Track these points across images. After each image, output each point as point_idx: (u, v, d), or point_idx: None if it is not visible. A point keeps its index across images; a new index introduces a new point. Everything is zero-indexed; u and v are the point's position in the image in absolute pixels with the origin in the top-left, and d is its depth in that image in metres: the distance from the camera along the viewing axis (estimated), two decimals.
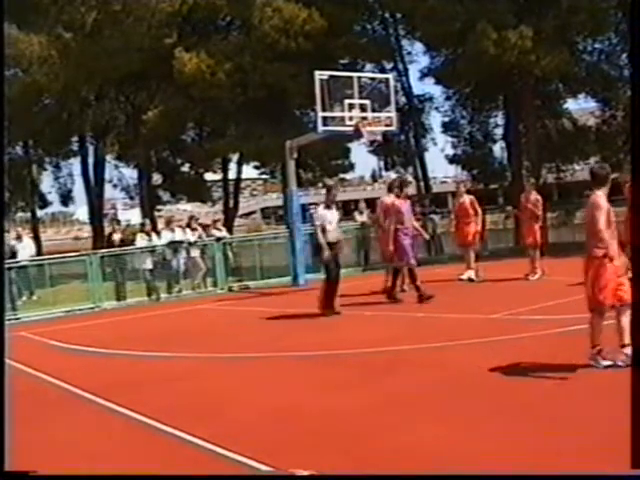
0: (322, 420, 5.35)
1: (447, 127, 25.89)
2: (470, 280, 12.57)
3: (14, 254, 14.28)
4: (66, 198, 33.00)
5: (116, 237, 15.65)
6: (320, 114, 13.10)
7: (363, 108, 13.34)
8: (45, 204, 33.18)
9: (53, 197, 32.99)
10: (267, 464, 4.44)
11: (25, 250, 15.58)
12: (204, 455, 4.79)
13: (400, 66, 25.07)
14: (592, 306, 6.27)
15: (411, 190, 14.17)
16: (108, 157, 30.99)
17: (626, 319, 6.00)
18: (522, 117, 22.69)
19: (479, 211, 13.15)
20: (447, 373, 6.39)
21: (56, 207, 39.05)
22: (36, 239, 32.86)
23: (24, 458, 4.59)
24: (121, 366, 8.12)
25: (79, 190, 32.17)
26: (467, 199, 13.14)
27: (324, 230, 10.14)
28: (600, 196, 6.26)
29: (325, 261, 10.31)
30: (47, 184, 33.37)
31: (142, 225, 16.43)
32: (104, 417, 6.05)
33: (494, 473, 4.00)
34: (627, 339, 5.99)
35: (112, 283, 14.98)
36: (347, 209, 33.07)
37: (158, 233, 16.23)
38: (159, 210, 30.86)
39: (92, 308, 14.08)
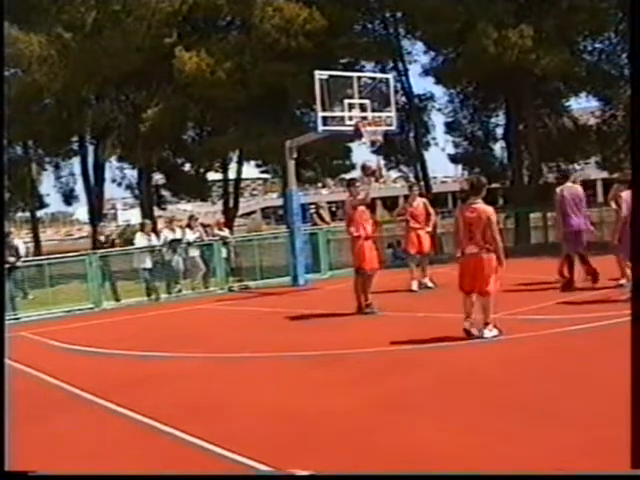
0: (322, 420, 5.34)
1: (448, 126, 25.90)
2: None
3: (17, 254, 14.22)
4: (68, 197, 32.98)
5: (102, 237, 15.74)
6: (320, 114, 13.09)
7: (363, 108, 13.32)
8: (42, 205, 33.13)
9: (54, 197, 33.07)
10: (267, 464, 4.43)
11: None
12: (204, 455, 4.78)
13: (400, 66, 25.08)
14: (494, 291, 7.52)
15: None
16: (108, 156, 30.94)
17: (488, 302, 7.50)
18: (523, 116, 22.70)
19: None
20: (447, 373, 6.39)
21: (55, 207, 39.07)
22: (36, 239, 32.96)
23: (24, 458, 4.58)
24: (121, 366, 8.11)
25: (79, 190, 32.23)
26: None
27: None
28: (484, 205, 7.50)
29: None
30: (47, 184, 33.41)
31: (142, 225, 16.43)
32: (104, 417, 6.04)
33: (494, 473, 3.99)
34: (491, 318, 7.55)
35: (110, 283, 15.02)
36: None
37: (157, 233, 16.23)
38: (163, 209, 30.87)
39: (92, 308, 14.07)
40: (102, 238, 16.01)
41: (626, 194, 9.47)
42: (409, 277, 12.40)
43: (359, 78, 13.96)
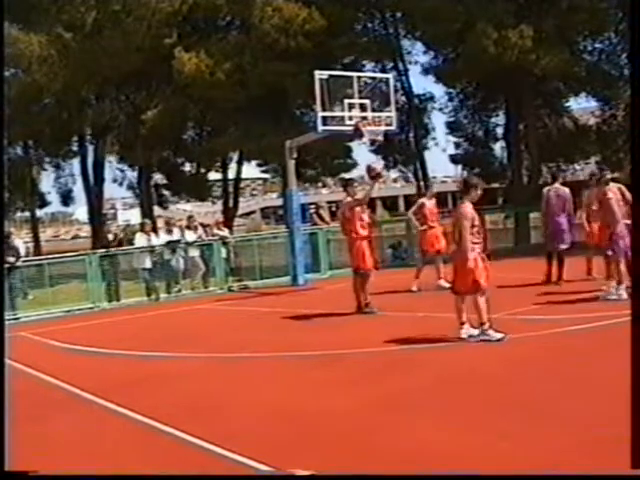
0: (322, 420, 5.34)
1: (449, 126, 25.92)
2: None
3: (18, 254, 14.20)
4: (66, 198, 33.00)
5: (110, 236, 15.74)
6: (320, 114, 13.09)
7: (363, 108, 13.32)
8: (44, 204, 33.14)
9: (53, 197, 33.03)
10: (267, 464, 4.42)
11: None
12: (204, 455, 4.78)
13: (400, 65, 25.08)
14: (472, 290, 7.41)
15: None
16: (108, 156, 30.95)
17: (483, 300, 7.42)
18: (523, 116, 22.70)
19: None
20: (447, 373, 6.39)
21: (55, 207, 39.02)
22: (35, 239, 32.96)
23: (24, 458, 4.57)
24: (121, 366, 8.11)
25: (79, 190, 32.22)
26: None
27: None
28: (467, 205, 7.50)
29: None
30: (47, 184, 33.42)
31: (142, 225, 16.42)
32: (104, 417, 6.04)
33: (494, 473, 3.99)
34: (484, 318, 7.41)
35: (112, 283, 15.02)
36: None
37: (157, 233, 16.23)
38: (165, 208, 30.88)
39: (91, 308, 14.07)
40: (110, 237, 15.97)
41: (614, 197, 9.44)
42: (413, 277, 12.42)
43: (359, 78, 13.96)
